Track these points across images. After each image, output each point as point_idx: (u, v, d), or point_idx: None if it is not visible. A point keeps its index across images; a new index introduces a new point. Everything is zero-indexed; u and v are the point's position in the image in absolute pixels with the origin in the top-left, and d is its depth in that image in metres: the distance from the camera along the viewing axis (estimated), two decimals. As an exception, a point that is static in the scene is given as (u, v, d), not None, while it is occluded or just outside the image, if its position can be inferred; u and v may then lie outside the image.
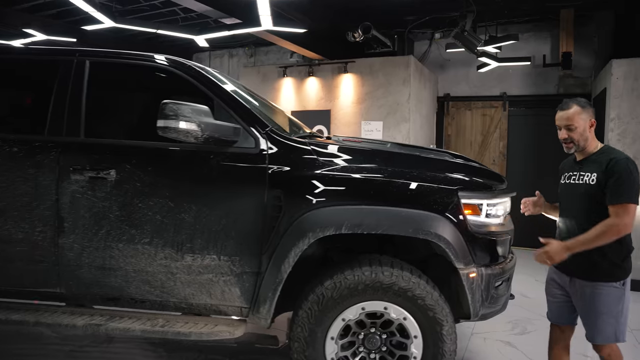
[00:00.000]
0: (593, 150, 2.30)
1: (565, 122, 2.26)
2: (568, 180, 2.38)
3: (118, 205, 2.40)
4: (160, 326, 2.41)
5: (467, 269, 2.29)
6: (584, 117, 2.25)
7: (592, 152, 2.30)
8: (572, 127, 2.25)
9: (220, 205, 2.36)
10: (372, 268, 2.26)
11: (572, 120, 2.24)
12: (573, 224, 2.30)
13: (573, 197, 2.31)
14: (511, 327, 3.75)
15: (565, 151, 2.34)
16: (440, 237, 2.22)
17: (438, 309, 2.26)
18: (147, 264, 2.41)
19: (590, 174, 2.24)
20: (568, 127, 2.26)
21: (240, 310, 2.44)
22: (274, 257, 2.29)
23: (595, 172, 2.21)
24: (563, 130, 2.28)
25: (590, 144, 2.29)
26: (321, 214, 2.24)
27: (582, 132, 2.25)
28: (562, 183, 2.43)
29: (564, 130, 2.27)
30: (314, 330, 2.28)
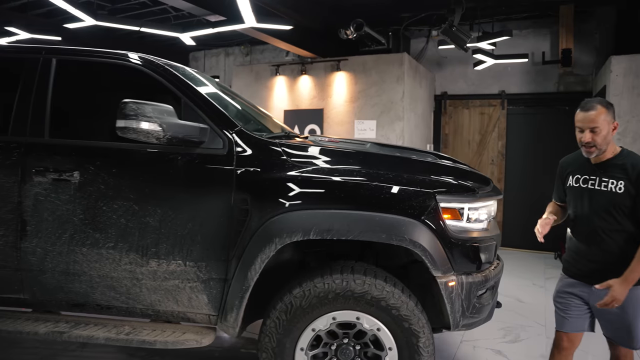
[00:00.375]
0: (612, 154, 2.17)
1: (590, 124, 2.11)
2: (584, 185, 2.23)
3: (82, 208, 2.31)
4: (125, 334, 2.31)
5: (446, 277, 2.16)
6: (609, 119, 2.12)
7: (610, 156, 2.16)
8: (597, 130, 2.10)
9: (186, 208, 2.26)
10: (343, 276, 2.14)
11: (597, 122, 2.10)
12: (592, 231, 2.18)
13: (591, 203, 2.18)
14: (503, 334, 3.62)
15: (585, 155, 2.20)
16: (416, 244, 2.10)
17: (414, 319, 2.14)
18: (112, 269, 2.31)
19: (615, 182, 2.11)
20: (592, 130, 2.11)
21: (208, 318, 2.34)
22: (240, 263, 2.19)
23: (622, 180, 2.09)
24: (587, 132, 2.12)
25: (609, 147, 2.16)
26: (288, 218, 2.12)
27: (606, 135, 2.12)
28: (576, 186, 2.27)
29: (588, 132, 2.12)
30: (282, 341, 2.17)
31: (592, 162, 2.22)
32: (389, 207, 2.13)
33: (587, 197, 2.22)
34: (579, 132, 2.18)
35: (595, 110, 2.11)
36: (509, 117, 6.65)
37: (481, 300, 2.33)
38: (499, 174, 6.65)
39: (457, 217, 2.23)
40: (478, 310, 2.32)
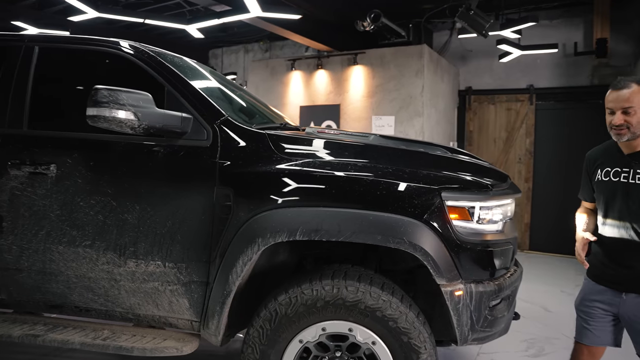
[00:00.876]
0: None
1: (623, 103, 1.87)
2: (616, 179, 1.97)
3: (59, 204, 2.16)
4: (102, 339, 2.15)
5: (452, 286, 1.90)
6: None
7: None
8: (631, 111, 1.86)
9: (166, 205, 2.07)
10: (334, 282, 1.91)
11: (631, 101, 1.86)
12: (627, 231, 1.93)
13: (625, 200, 1.93)
14: (526, 346, 3.29)
15: (614, 139, 1.95)
16: (416, 247, 1.84)
17: (414, 333, 1.88)
18: (89, 269, 2.15)
19: None
20: (625, 110, 1.86)
21: (190, 324, 2.15)
22: (221, 265, 1.99)
23: None
24: (618, 114, 1.88)
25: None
26: (273, 216, 1.91)
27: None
28: (605, 180, 2.01)
29: (620, 114, 1.87)
30: (266, 353, 1.95)
31: (624, 152, 1.92)
32: (385, 205, 1.88)
33: (620, 192, 1.94)
34: (609, 114, 1.90)
35: (629, 89, 1.85)
36: (538, 113, 6.23)
37: (494, 312, 2.05)
38: (526, 174, 6.24)
39: (466, 218, 1.96)
40: (491, 324, 2.04)
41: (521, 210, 6.24)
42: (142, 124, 1.95)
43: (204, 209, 2.03)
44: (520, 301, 4.06)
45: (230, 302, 1.99)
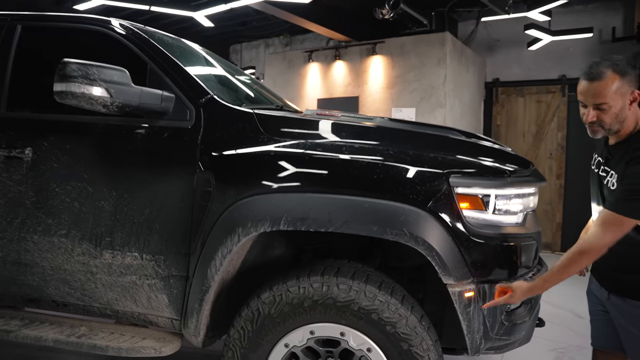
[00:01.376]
0: (631, 130, 1.59)
1: (595, 99, 1.54)
2: (596, 169, 1.73)
3: (34, 190, 2.01)
4: (77, 336, 1.98)
5: (461, 286, 1.63)
6: (624, 89, 1.53)
7: (628, 134, 1.59)
8: (604, 107, 1.53)
9: (144, 191, 1.89)
10: (324, 279, 1.67)
11: (604, 96, 1.52)
12: None
13: (598, 195, 1.71)
14: (554, 356, 2.96)
15: (589, 135, 1.64)
16: (418, 240, 1.59)
17: (415, 340, 1.62)
18: (65, 261, 1.99)
19: (613, 174, 1.58)
20: (598, 106, 1.54)
21: (171, 323, 1.95)
22: (200, 258, 1.78)
23: (617, 174, 1.55)
24: (590, 109, 1.56)
25: (628, 124, 1.57)
26: (255, 203, 1.69)
27: (619, 113, 1.54)
28: (592, 169, 1.78)
29: (592, 109, 1.55)
30: (248, 357, 1.73)
31: (610, 142, 1.66)
32: (383, 191, 1.63)
33: (596, 185, 1.71)
34: (581, 106, 1.60)
35: (602, 80, 1.51)
36: (571, 105, 5.79)
37: (513, 318, 1.77)
38: (558, 170, 5.82)
39: (479, 207, 1.69)
40: (508, 331, 1.76)
41: (553, 209, 5.83)
42: (115, 102, 1.77)
43: (183, 196, 1.84)
44: (547, 305, 3.72)
45: (210, 300, 1.79)
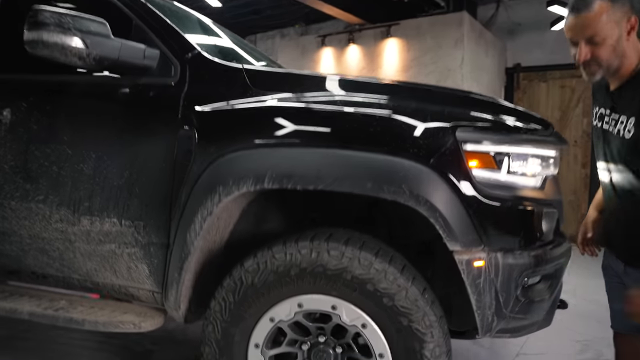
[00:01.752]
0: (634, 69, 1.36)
1: (585, 31, 1.33)
2: (599, 123, 1.51)
3: (13, 154, 1.89)
4: (54, 309, 1.85)
5: (469, 254, 1.43)
6: (617, 16, 1.31)
7: (632, 72, 1.36)
8: (597, 40, 1.32)
9: (124, 153, 1.75)
10: (313, 244, 1.49)
11: (596, 26, 1.31)
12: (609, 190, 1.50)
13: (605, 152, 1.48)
14: (579, 348, 2.69)
15: (585, 79, 1.43)
16: (419, 198, 1.39)
17: (416, 314, 1.42)
18: (42, 229, 1.86)
19: (626, 120, 1.34)
20: (590, 39, 1.33)
21: (152, 296, 1.80)
22: (180, 222, 1.62)
23: (633, 116, 1.32)
24: (582, 45, 1.34)
25: (629, 59, 1.35)
26: (237, 160, 1.52)
27: (616, 45, 1.32)
28: (594, 125, 1.57)
29: (584, 45, 1.34)
30: (229, 332, 1.56)
31: (610, 87, 1.44)
32: (379, 145, 1.44)
33: (601, 142, 1.50)
34: (570, 45, 1.39)
35: (590, 10, 1.30)
36: (600, 89, 5.45)
37: (530, 294, 1.55)
38: (583, 158, 5.49)
39: (490, 166, 1.48)
40: (525, 309, 1.54)
41: (578, 199, 5.50)
42: (92, 54, 1.63)
43: (164, 157, 1.68)
44: (573, 297, 3.43)
45: (191, 269, 1.63)
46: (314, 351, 1.55)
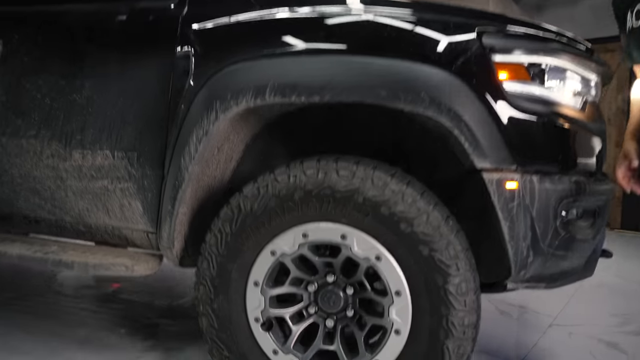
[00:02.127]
0: None
1: None
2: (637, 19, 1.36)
3: (4, 88, 1.78)
4: (43, 252, 1.72)
5: (499, 173, 1.23)
6: None
7: None
8: None
9: (119, 79, 1.61)
10: (320, 164, 1.31)
11: None
12: None
13: None
14: (619, 322, 2.43)
15: None
16: (441, 106, 1.20)
17: (439, 242, 1.23)
18: (34, 166, 1.74)
19: None
20: None
21: (147, 237, 1.66)
22: (175, 147, 1.47)
23: None
24: None
25: None
26: (237, 72, 1.36)
27: None
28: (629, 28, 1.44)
29: None
30: (226, 268, 1.40)
31: None
32: (395, 50, 1.26)
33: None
34: None
35: None
36: (634, 67, 5.13)
37: (572, 228, 1.34)
38: (617, 137, 5.16)
39: (524, 77, 1.29)
40: (565, 245, 1.33)
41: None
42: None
43: (160, 80, 1.54)
44: (611, 275, 3.18)
45: (186, 200, 1.47)
46: (322, 293, 1.37)
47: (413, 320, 1.27)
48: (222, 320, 1.42)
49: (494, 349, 2.03)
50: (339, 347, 1.37)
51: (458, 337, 1.26)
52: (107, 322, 2.15)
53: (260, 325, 1.39)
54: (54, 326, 2.13)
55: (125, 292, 2.62)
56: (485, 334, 2.19)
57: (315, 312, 1.39)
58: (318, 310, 1.39)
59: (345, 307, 1.37)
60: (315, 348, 1.38)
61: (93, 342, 1.99)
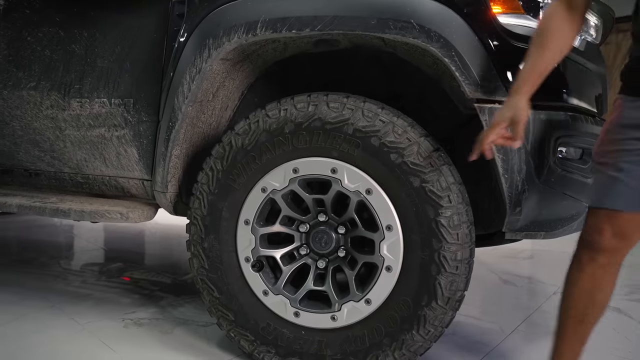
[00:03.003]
0: None
1: None
2: None
3: (6, 42, 1.81)
4: (42, 202, 1.74)
5: (491, 103, 1.21)
6: None
7: None
8: None
9: (116, 27, 1.63)
10: (311, 98, 1.30)
11: None
12: None
13: None
14: (629, 291, 2.37)
15: None
16: (431, 34, 1.18)
17: (430, 174, 1.21)
18: (34, 117, 1.77)
19: None
20: None
21: (142, 186, 1.67)
22: (170, 89, 1.47)
23: None
24: None
25: None
26: (229, 9, 1.36)
27: None
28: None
29: None
30: (217, 206, 1.39)
31: None
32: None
33: None
34: None
35: None
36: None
37: (567, 165, 1.31)
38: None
39: (517, 10, 1.26)
40: (561, 183, 1.30)
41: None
42: None
43: (157, 24, 1.55)
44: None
45: (179, 141, 1.47)
46: (313, 234, 1.36)
47: (404, 255, 1.25)
48: (213, 260, 1.42)
49: (495, 312, 1.99)
50: (330, 288, 1.35)
51: (450, 273, 1.23)
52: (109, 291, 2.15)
53: (250, 266, 1.38)
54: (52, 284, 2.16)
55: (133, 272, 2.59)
56: (487, 301, 2.16)
57: (307, 253, 1.38)
58: (310, 252, 1.38)
59: (337, 247, 1.35)
60: (305, 289, 1.37)
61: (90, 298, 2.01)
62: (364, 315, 1.30)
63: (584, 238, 1.16)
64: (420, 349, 1.31)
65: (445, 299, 1.25)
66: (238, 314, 1.42)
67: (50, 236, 3.29)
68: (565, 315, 1.19)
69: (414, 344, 1.29)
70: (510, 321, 1.87)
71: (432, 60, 1.32)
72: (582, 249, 1.16)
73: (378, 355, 1.31)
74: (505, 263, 2.77)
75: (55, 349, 1.54)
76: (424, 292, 1.25)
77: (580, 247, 1.17)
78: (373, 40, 1.32)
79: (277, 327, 1.39)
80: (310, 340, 1.36)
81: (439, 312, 1.25)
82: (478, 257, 1.13)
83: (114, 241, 3.20)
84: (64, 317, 1.80)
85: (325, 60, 1.57)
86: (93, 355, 1.51)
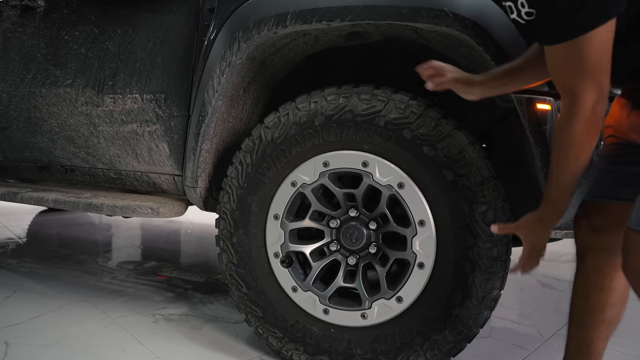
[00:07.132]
0: None
1: None
2: None
3: (45, 42, 1.87)
4: (76, 197, 1.78)
5: (529, 92, 1.15)
6: None
7: None
8: None
9: (148, 23, 1.65)
10: (342, 90, 1.28)
11: None
12: None
13: None
14: None
15: None
16: (466, 22, 1.13)
17: (465, 168, 1.17)
18: (69, 114, 1.81)
19: None
20: None
21: (173, 181, 1.68)
22: (200, 83, 1.48)
23: None
24: None
25: None
26: (258, 2, 1.35)
27: None
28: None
29: None
30: (246, 200, 1.38)
31: None
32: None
33: None
34: None
35: None
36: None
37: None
38: None
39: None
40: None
41: None
42: None
43: (187, 20, 1.56)
44: None
45: (209, 135, 1.48)
46: (343, 229, 1.33)
47: (437, 252, 1.21)
48: (242, 255, 1.41)
49: (533, 315, 1.91)
50: (360, 285, 1.32)
51: (486, 271, 1.18)
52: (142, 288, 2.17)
53: (279, 262, 1.36)
54: (87, 279, 2.21)
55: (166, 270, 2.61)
56: (525, 304, 2.08)
57: (337, 249, 1.36)
58: (340, 248, 1.36)
59: (368, 243, 1.32)
60: (335, 286, 1.34)
61: (123, 294, 2.04)
62: (395, 314, 1.27)
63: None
64: (454, 349, 1.26)
65: (480, 298, 1.20)
66: (266, 310, 1.41)
67: (89, 234, 3.38)
68: (569, 321, 1.17)
69: (446, 344, 1.24)
70: (549, 325, 1.80)
71: (467, 52, 1.27)
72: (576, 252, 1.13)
73: (409, 355, 1.27)
74: (545, 266, 2.67)
75: (87, 341, 1.57)
76: (457, 290, 1.20)
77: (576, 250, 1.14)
78: (406, 32, 1.29)
79: (305, 324, 1.37)
80: (339, 338, 1.34)
81: (473, 312, 1.21)
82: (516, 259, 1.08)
83: (149, 239, 3.26)
84: (97, 311, 1.84)
85: (359, 55, 1.55)
86: (123, 348, 1.53)
